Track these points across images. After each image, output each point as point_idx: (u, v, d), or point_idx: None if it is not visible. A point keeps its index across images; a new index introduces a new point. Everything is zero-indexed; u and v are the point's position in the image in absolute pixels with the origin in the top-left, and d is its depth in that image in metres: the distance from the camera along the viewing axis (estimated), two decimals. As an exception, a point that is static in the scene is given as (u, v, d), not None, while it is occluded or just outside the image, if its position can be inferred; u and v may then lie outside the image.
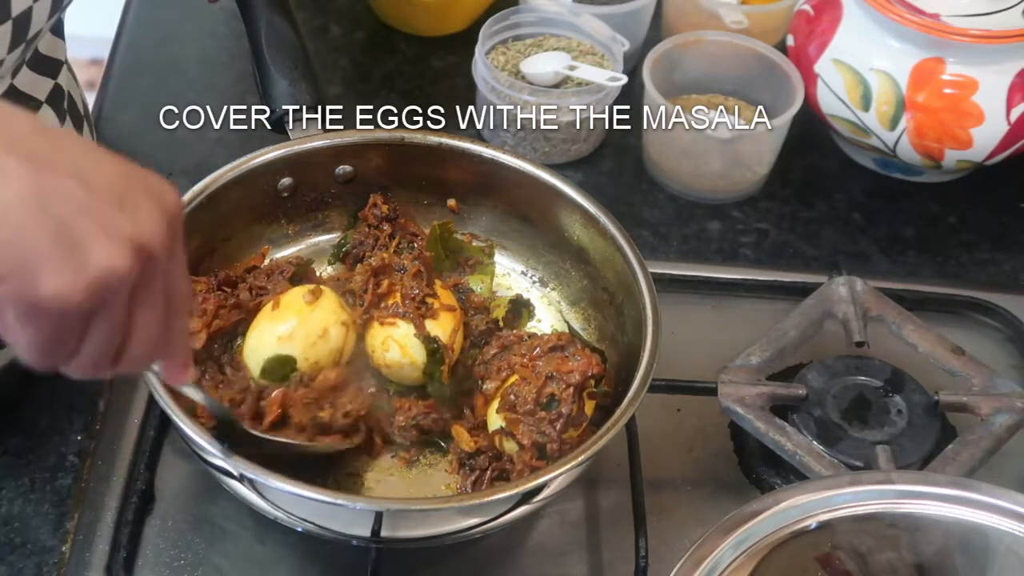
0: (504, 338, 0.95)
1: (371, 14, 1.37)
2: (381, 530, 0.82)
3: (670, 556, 0.83)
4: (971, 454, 0.93)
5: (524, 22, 1.24)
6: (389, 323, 0.93)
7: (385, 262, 0.97)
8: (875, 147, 1.17)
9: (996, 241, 1.20)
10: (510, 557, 0.92)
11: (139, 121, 1.23)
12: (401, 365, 0.92)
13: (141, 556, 0.89)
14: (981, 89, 1.10)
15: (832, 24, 1.16)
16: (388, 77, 1.31)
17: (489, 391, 0.91)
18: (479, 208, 1.04)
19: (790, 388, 0.97)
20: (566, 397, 0.88)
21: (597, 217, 0.96)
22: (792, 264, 1.15)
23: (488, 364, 0.93)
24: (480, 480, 0.90)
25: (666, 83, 1.19)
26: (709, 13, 1.26)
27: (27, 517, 0.91)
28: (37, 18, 0.83)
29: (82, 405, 0.97)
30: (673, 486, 0.97)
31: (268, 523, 0.88)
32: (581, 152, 1.22)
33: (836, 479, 0.85)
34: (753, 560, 0.76)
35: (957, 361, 0.99)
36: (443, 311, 0.94)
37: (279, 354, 0.89)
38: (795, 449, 0.93)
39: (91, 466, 0.94)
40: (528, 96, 1.16)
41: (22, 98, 0.91)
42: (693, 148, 1.17)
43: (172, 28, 1.35)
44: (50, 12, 0.84)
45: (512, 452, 0.88)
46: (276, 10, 1.02)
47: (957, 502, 0.79)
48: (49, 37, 0.94)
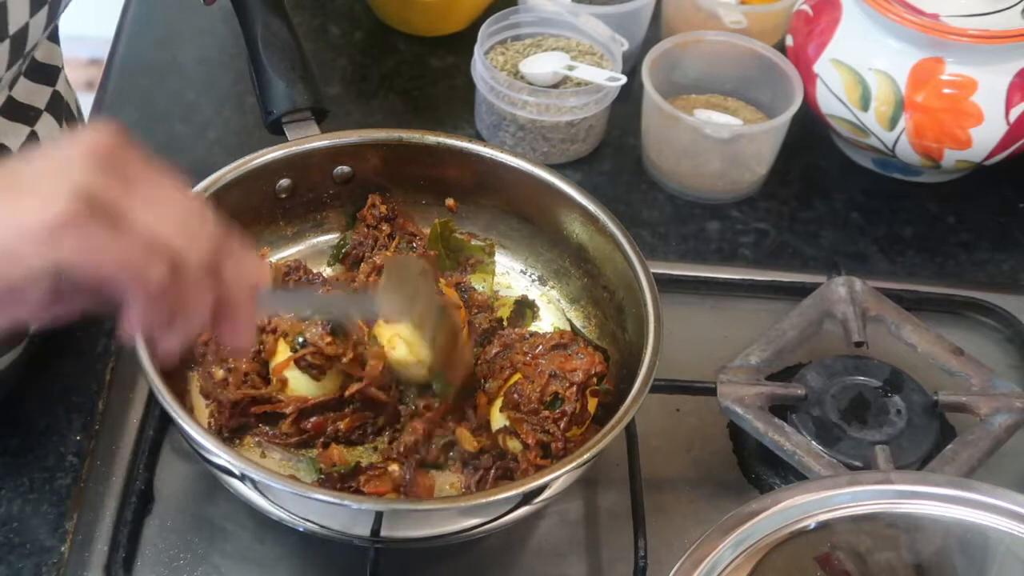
0: (506, 336, 0.94)
1: (370, 14, 1.37)
2: (381, 530, 0.82)
3: (669, 556, 0.83)
4: (970, 454, 0.93)
5: (523, 22, 1.24)
6: (395, 321, 0.93)
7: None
8: (874, 147, 1.17)
9: (995, 241, 1.20)
10: (510, 557, 0.92)
11: (138, 121, 1.23)
12: (408, 363, 0.92)
13: (140, 556, 0.89)
14: (980, 89, 1.10)
15: (831, 24, 1.16)
16: (387, 77, 1.31)
17: (492, 390, 0.91)
18: (478, 207, 1.04)
19: (789, 388, 0.97)
20: (570, 395, 0.88)
21: (596, 215, 0.96)
22: (791, 264, 1.15)
23: (491, 363, 0.93)
24: (484, 479, 0.90)
25: (665, 83, 1.19)
26: (708, 13, 1.26)
27: (26, 517, 0.91)
28: (34, 32, 0.82)
29: (81, 405, 0.97)
30: (672, 486, 0.97)
31: (268, 523, 0.88)
32: (580, 152, 1.22)
33: (835, 479, 0.85)
34: (752, 560, 0.76)
35: (956, 361, 1.00)
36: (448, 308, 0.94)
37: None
38: (794, 449, 0.93)
39: (90, 466, 0.94)
40: (527, 96, 1.16)
41: (21, 109, 0.90)
42: (692, 148, 1.17)
43: (171, 28, 1.35)
44: (46, 24, 0.83)
45: (516, 451, 0.88)
46: (272, 12, 1.02)
47: (956, 502, 0.79)
48: (45, 44, 0.93)
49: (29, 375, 0.97)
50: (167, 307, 0.61)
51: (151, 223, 0.59)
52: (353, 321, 0.91)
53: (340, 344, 0.90)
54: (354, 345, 0.91)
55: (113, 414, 0.97)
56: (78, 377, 1.00)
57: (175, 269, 0.60)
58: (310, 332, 0.89)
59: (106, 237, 0.57)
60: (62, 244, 0.56)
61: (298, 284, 0.96)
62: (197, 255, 0.61)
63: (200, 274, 0.62)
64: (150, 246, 0.59)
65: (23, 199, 0.56)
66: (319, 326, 0.90)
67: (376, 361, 0.91)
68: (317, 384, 0.91)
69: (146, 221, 0.59)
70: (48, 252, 0.56)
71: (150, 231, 0.59)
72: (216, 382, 0.92)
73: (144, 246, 0.59)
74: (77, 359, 1.01)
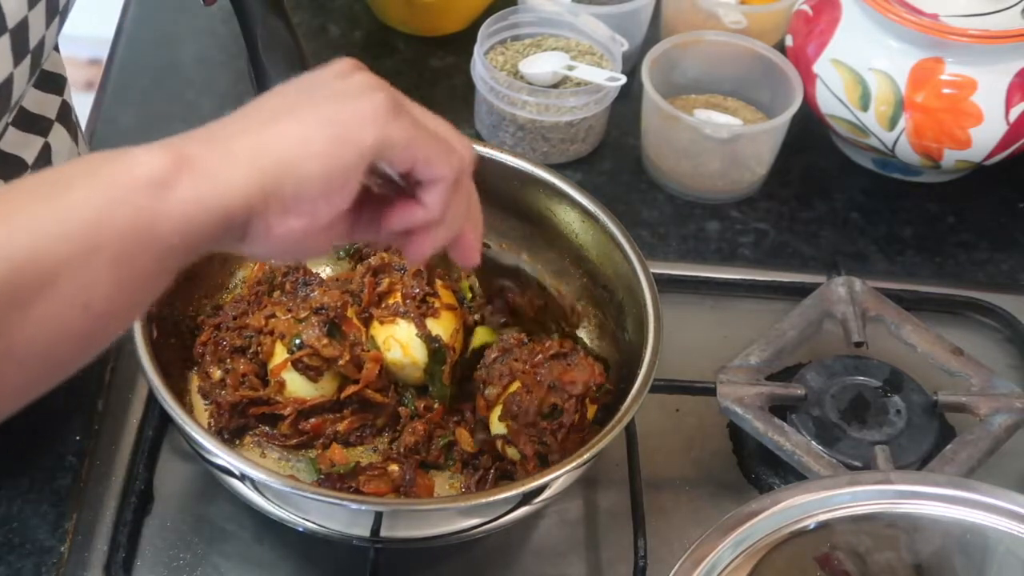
0: (504, 342, 0.94)
1: (370, 14, 1.37)
2: (381, 530, 0.82)
3: (669, 556, 0.83)
4: (970, 454, 0.93)
5: (523, 22, 1.24)
6: (390, 322, 0.93)
7: (384, 261, 0.97)
8: (874, 147, 1.17)
9: (995, 241, 1.20)
10: (509, 557, 0.92)
11: (138, 121, 1.23)
12: (403, 365, 0.92)
13: (140, 556, 0.89)
14: (980, 89, 1.10)
15: (831, 24, 1.16)
16: (387, 77, 1.28)
17: (491, 396, 0.91)
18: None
19: (789, 388, 0.97)
20: (569, 407, 0.88)
21: (596, 215, 0.96)
22: (791, 264, 1.15)
23: (489, 368, 0.92)
24: (484, 479, 0.90)
25: (665, 83, 1.19)
26: (708, 13, 1.26)
27: (26, 517, 0.91)
28: (48, 44, 0.82)
29: (81, 405, 0.97)
30: (672, 486, 0.97)
31: (268, 523, 0.88)
32: (580, 152, 1.22)
33: (835, 479, 0.85)
34: (752, 560, 0.76)
35: (956, 361, 1.00)
36: (444, 310, 0.94)
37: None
38: (794, 449, 0.93)
39: (90, 466, 0.94)
40: (527, 96, 1.16)
41: (34, 120, 0.90)
42: (692, 148, 1.17)
43: (171, 28, 1.35)
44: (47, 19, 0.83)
45: (515, 458, 0.88)
46: (272, 12, 1.02)
47: (956, 502, 0.79)
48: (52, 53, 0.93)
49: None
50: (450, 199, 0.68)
51: (435, 125, 0.67)
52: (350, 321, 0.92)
53: (337, 346, 0.90)
54: (350, 347, 0.91)
55: (113, 414, 0.97)
56: (78, 377, 0.98)
57: (461, 165, 0.67)
58: (307, 334, 0.90)
59: (416, 126, 0.65)
60: (389, 125, 0.63)
61: (295, 285, 0.96)
62: (470, 159, 0.69)
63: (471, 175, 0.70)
64: (445, 140, 0.66)
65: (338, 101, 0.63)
66: (315, 327, 0.90)
67: (372, 363, 0.91)
68: (315, 386, 0.91)
69: (430, 122, 0.67)
70: (380, 130, 0.63)
71: (439, 130, 0.67)
72: (214, 383, 0.92)
73: (442, 138, 0.66)
74: (77, 359, 1.00)
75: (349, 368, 0.91)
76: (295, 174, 0.60)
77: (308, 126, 0.62)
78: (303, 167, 0.61)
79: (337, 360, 0.90)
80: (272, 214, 0.61)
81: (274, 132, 0.61)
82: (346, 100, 0.64)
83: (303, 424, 0.91)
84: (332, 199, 0.62)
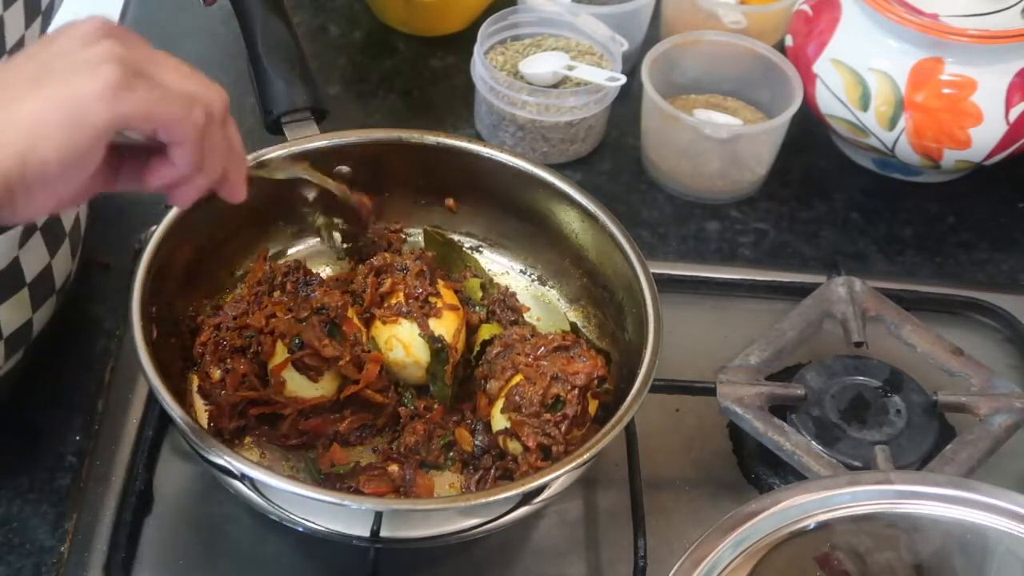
0: (507, 337, 0.94)
1: (369, 14, 1.37)
2: (381, 530, 0.82)
3: (669, 556, 0.83)
4: (970, 454, 0.93)
5: (523, 22, 1.24)
6: (393, 322, 0.93)
7: (387, 261, 0.97)
8: (874, 147, 1.17)
9: (995, 241, 1.20)
10: (509, 557, 0.92)
11: (138, 121, 1.23)
12: (405, 365, 0.92)
13: (140, 556, 0.89)
14: (980, 89, 1.10)
15: (831, 24, 1.16)
16: (386, 77, 1.31)
17: (493, 391, 0.91)
18: (478, 207, 1.04)
19: (789, 388, 0.97)
20: (571, 398, 0.88)
21: (596, 215, 0.96)
22: (791, 264, 1.15)
23: (491, 363, 0.92)
24: (484, 479, 0.90)
25: (665, 83, 1.19)
26: (708, 13, 1.26)
27: (26, 517, 0.91)
28: (13, 28, 0.82)
29: (80, 405, 0.97)
30: (672, 486, 0.97)
31: (268, 523, 0.88)
32: (580, 152, 1.22)
33: (835, 479, 0.85)
34: (752, 560, 0.76)
35: (956, 361, 1.00)
36: (446, 310, 0.94)
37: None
38: (794, 449, 0.93)
39: (89, 466, 0.94)
40: (527, 96, 1.16)
41: None
42: (692, 148, 1.17)
43: (171, 28, 1.35)
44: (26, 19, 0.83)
45: (517, 452, 0.88)
46: (272, 12, 1.02)
47: (956, 502, 0.79)
48: None
49: (29, 375, 0.97)
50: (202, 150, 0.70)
51: (177, 81, 0.68)
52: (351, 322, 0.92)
53: (337, 346, 0.90)
54: (351, 347, 0.91)
55: (113, 414, 0.97)
56: (78, 377, 1.00)
57: (208, 114, 0.69)
58: (307, 334, 0.90)
59: (153, 91, 0.66)
60: (121, 101, 0.64)
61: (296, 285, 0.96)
62: (220, 104, 0.70)
63: (223, 121, 0.72)
64: (186, 96, 0.68)
65: (70, 78, 0.64)
66: (316, 327, 0.90)
67: (373, 364, 0.91)
68: (315, 386, 0.91)
69: (172, 79, 0.67)
70: (112, 109, 0.64)
71: (179, 86, 0.68)
72: (214, 383, 0.92)
73: (182, 96, 0.67)
74: (77, 359, 1.01)
75: (349, 368, 0.90)
76: (33, 161, 0.63)
77: (44, 108, 0.64)
78: (39, 154, 0.63)
79: (337, 360, 0.90)
80: (19, 199, 0.65)
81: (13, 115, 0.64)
82: (80, 76, 0.64)
83: (303, 424, 0.91)
84: (74, 176, 0.65)
